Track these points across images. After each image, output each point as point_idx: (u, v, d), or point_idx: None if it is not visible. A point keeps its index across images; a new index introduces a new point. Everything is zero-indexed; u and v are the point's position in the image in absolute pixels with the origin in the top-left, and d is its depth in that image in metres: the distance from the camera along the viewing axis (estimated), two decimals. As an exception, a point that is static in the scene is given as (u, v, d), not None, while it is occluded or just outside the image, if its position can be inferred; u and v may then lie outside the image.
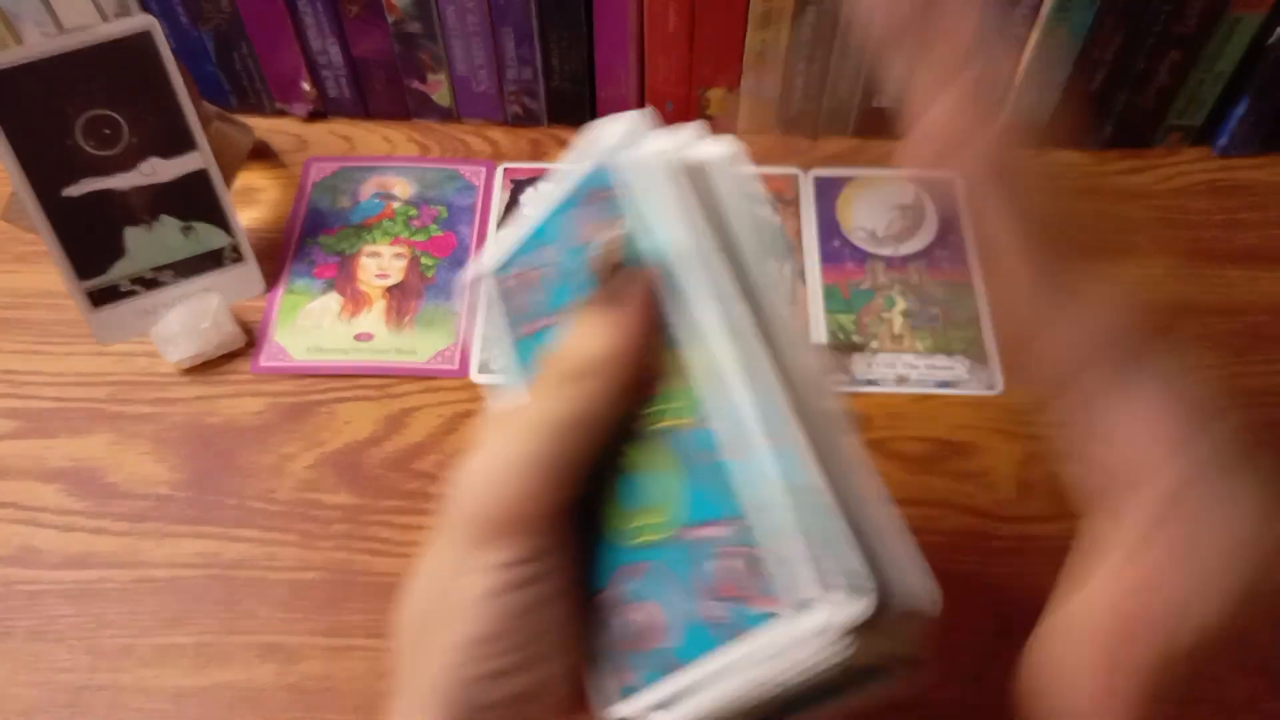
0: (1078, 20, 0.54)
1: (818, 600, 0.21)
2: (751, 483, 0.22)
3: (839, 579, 0.21)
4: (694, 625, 0.23)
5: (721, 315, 0.22)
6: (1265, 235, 0.58)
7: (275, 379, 0.52)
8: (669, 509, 0.24)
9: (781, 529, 0.21)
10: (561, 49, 0.58)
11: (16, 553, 0.47)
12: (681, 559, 0.24)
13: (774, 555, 0.21)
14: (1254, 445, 0.26)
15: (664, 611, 0.24)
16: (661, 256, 0.23)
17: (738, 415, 0.22)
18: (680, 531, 0.24)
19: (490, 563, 0.25)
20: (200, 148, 0.51)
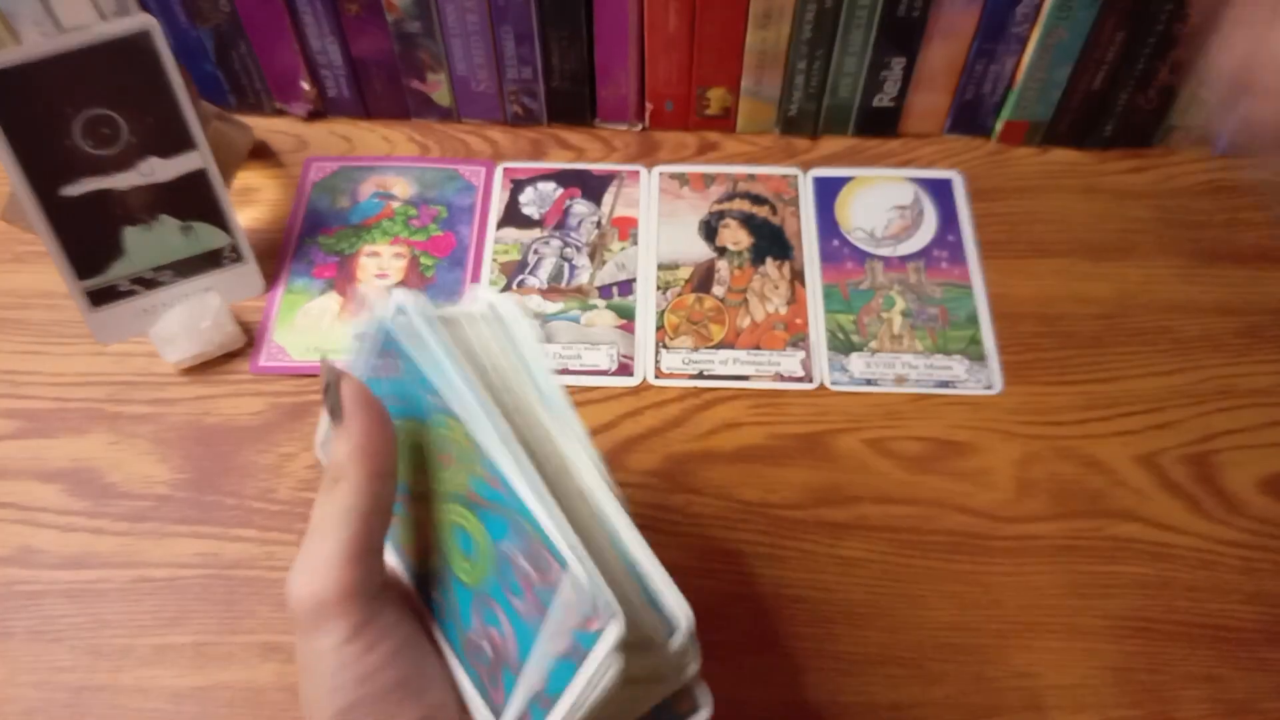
0: (1079, 19, 0.54)
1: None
2: (513, 500, 0.28)
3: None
4: (519, 627, 0.29)
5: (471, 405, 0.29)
6: (1266, 235, 0.58)
7: (275, 379, 0.52)
8: (483, 548, 0.30)
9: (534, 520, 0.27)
10: (561, 48, 0.58)
11: (16, 553, 0.47)
12: (499, 580, 0.29)
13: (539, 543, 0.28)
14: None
15: (501, 630, 0.29)
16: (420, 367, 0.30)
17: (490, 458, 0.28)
18: (495, 560, 0.29)
19: (325, 646, 0.29)
20: (199, 147, 0.51)
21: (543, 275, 0.56)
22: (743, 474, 0.49)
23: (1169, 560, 0.47)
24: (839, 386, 0.52)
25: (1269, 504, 0.48)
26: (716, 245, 0.57)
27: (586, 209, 0.59)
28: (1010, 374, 0.52)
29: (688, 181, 0.60)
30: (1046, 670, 0.44)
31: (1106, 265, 0.56)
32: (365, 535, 0.30)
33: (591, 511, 0.29)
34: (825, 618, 0.45)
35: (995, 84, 0.59)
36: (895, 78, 0.58)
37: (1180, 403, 0.51)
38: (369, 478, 0.30)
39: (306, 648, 0.29)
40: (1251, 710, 0.43)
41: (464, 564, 0.31)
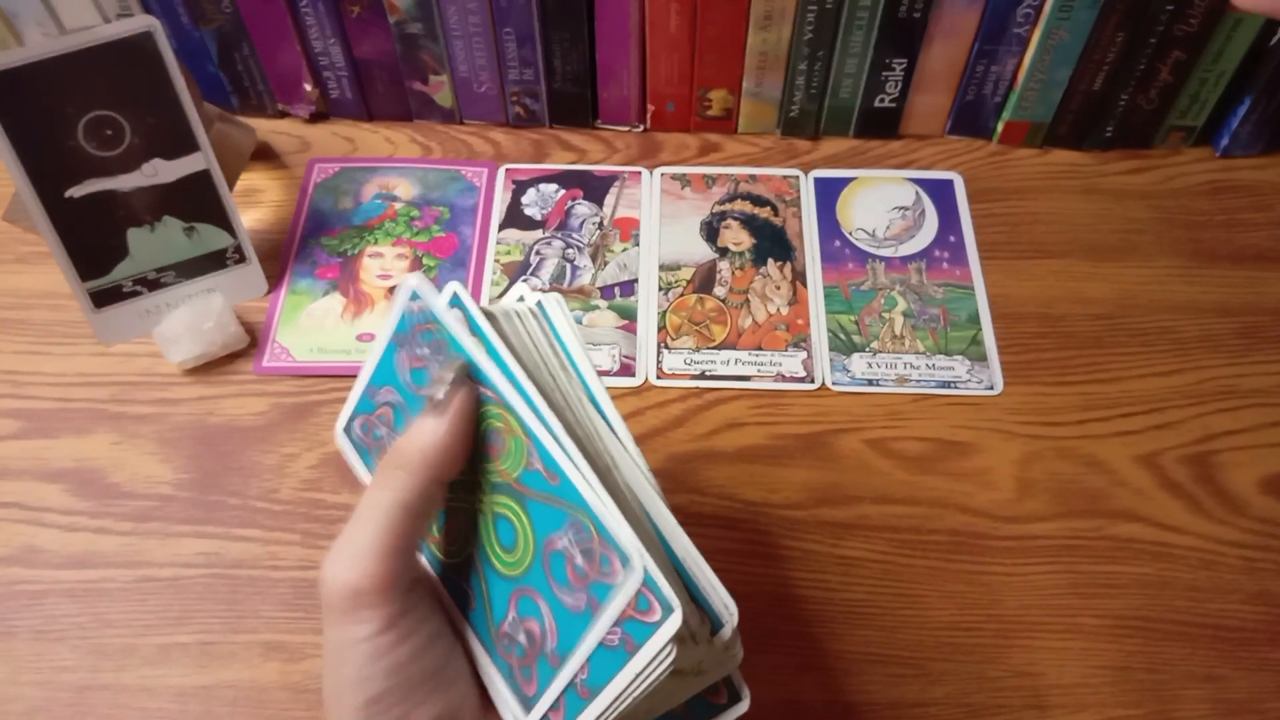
0: (1079, 20, 0.54)
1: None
2: (572, 494, 0.28)
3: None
4: (564, 620, 0.29)
5: (521, 392, 0.29)
6: (1267, 236, 0.58)
7: (278, 379, 0.52)
8: (528, 538, 0.30)
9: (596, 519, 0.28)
10: (563, 50, 0.58)
11: (19, 552, 0.47)
12: (543, 573, 0.29)
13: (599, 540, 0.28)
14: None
15: (541, 622, 0.30)
16: (474, 361, 0.31)
17: (549, 453, 0.29)
18: (540, 551, 0.29)
19: (359, 636, 0.29)
20: (202, 149, 0.51)
21: (545, 276, 0.56)
22: (744, 474, 0.49)
23: (1169, 560, 0.47)
24: (840, 387, 0.52)
25: (1269, 504, 0.48)
26: (718, 246, 0.57)
27: (588, 210, 0.59)
28: (1011, 374, 0.52)
29: (689, 182, 0.60)
30: (1047, 670, 0.44)
31: (1107, 266, 0.56)
32: (410, 531, 0.30)
33: (637, 507, 0.30)
34: (826, 617, 0.45)
35: (996, 85, 0.59)
36: (896, 79, 0.59)
37: (1180, 403, 0.51)
38: (431, 479, 0.30)
39: (337, 636, 0.29)
40: (1252, 710, 0.43)
41: (503, 555, 0.31)
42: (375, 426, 0.35)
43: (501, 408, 0.30)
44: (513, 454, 0.30)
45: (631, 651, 0.27)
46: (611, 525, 0.27)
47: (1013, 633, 0.45)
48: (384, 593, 0.29)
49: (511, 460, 0.30)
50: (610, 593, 0.27)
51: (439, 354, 0.31)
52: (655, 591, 0.26)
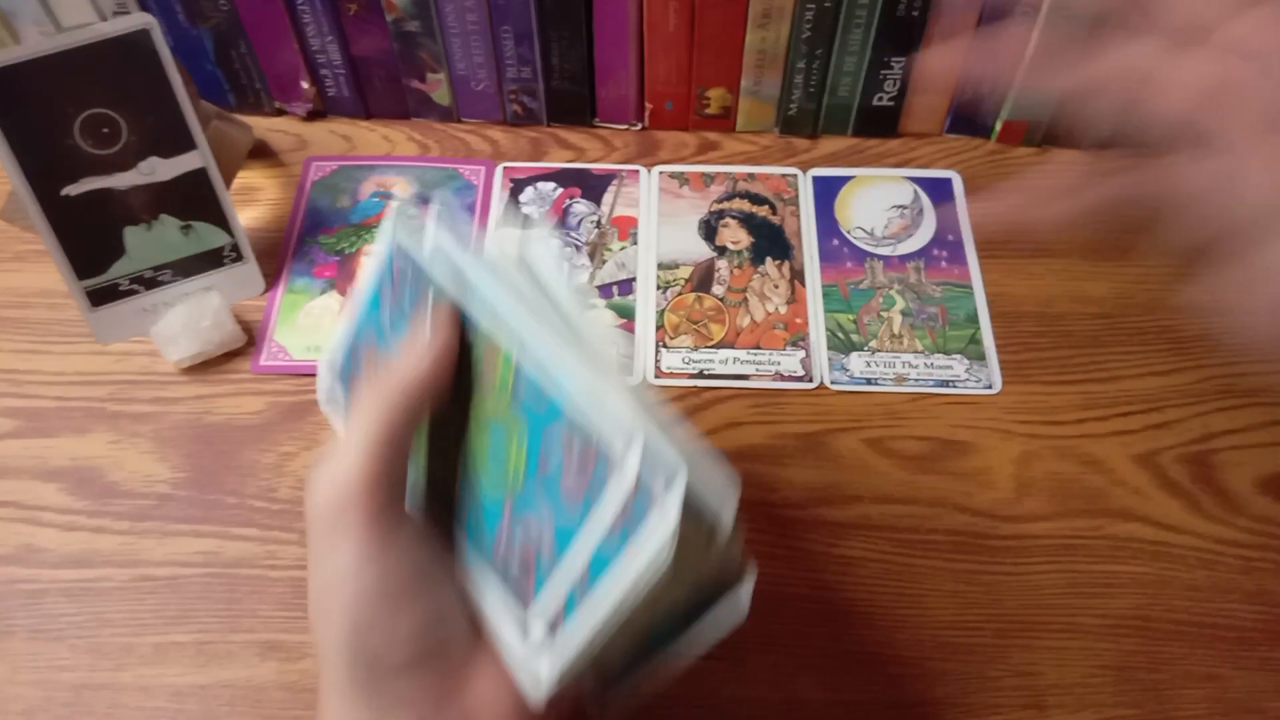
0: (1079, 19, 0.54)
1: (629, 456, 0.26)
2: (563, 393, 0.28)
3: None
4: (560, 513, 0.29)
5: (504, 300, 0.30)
6: (1265, 234, 0.58)
7: (275, 378, 0.52)
8: (519, 453, 0.30)
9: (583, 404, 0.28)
10: (561, 48, 0.58)
11: (17, 551, 0.47)
12: (539, 489, 0.29)
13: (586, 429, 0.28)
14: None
15: (542, 535, 0.29)
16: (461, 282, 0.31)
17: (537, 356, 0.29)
18: (533, 471, 0.29)
19: (343, 553, 0.29)
20: (199, 147, 0.51)
21: (543, 275, 0.56)
22: (743, 473, 0.49)
23: (1168, 559, 0.47)
24: (839, 386, 0.52)
25: (1268, 503, 0.48)
26: (716, 245, 0.57)
27: (586, 208, 0.59)
28: (1009, 373, 0.52)
29: (687, 181, 0.60)
30: (1046, 669, 0.44)
31: (1105, 265, 0.56)
32: (393, 455, 0.30)
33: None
34: (825, 617, 0.45)
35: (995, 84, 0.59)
36: (895, 77, 0.59)
37: (1179, 402, 0.51)
38: (413, 406, 0.30)
39: (326, 559, 0.29)
40: (1252, 710, 0.43)
41: (494, 474, 0.31)
42: (358, 373, 0.36)
43: (487, 340, 0.30)
44: (501, 378, 0.30)
45: (593, 497, 0.27)
46: (598, 423, 0.27)
47: (1012, 632, 0.45)
48: (367, 510, 0.29)
49: (500, 384, 0.30)
50: (606, 483, 0.27)
51: (419, 298, 0.32)
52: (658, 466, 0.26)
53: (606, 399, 0.27)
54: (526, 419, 0.29)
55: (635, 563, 0.26)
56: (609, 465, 0.27)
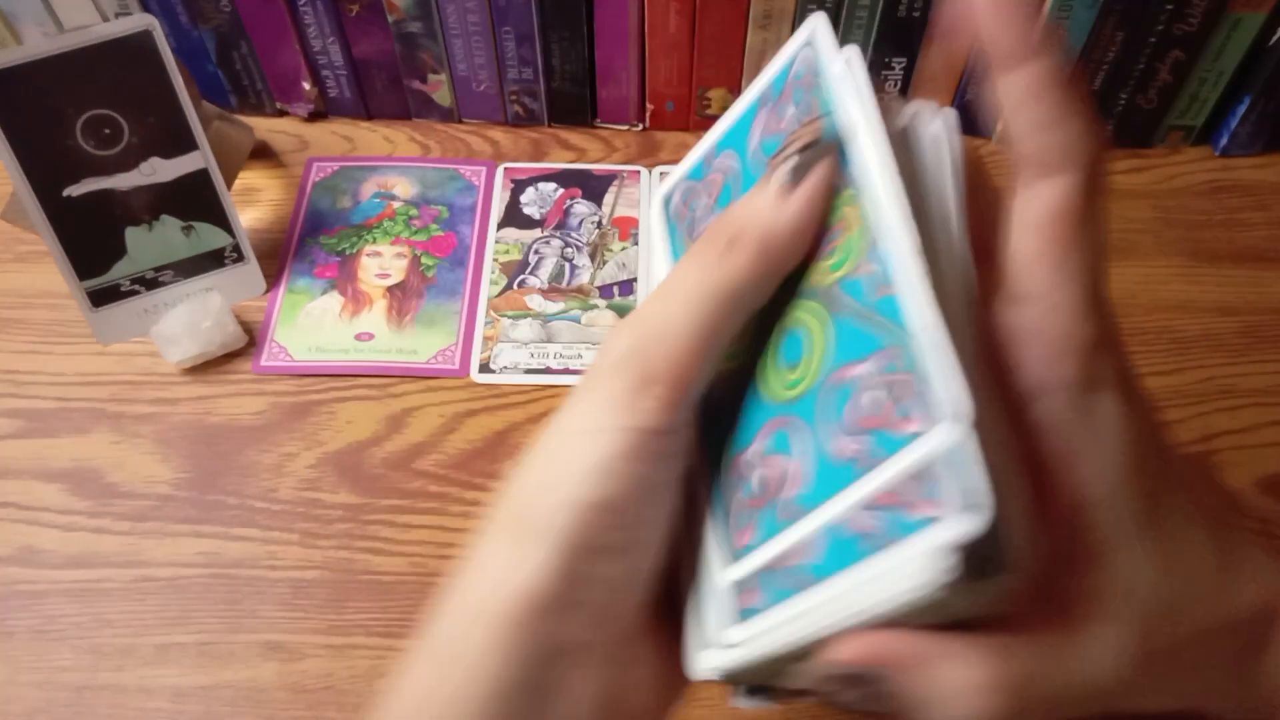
0: (1079, 20, 0.54)
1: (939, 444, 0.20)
2: (896, 315, 0.22)
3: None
4: (822, 467, 0.23)
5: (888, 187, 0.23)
6: (1266, 235, 0.58)
7: (276, 379, 0.52)
8: (815, 358, 0.24)
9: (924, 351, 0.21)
10: (562, 49, 0.58)
11: (18, 552, 0.47)
12: (815, 403, 0.23)
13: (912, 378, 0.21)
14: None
15: (789, 460, 0.24)
16: (843, 127, 0.24)
17: (893, 256, 0.22)
18: (826, 378, 0.23)
19: (630, 423, 0.24)
20: (201, 147, 0.51)
21: (543, 275, 0.56)
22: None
23: (1169, 560, 0.47)
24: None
25: (1269, 504, 0.48)
26: (717, 245, 0.57)
27: (587, 209, 0.59)
28: (1010, 374, 0.52)
29: (688, 182, 0.60)
30: (1047, 669, 0.44)
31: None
32: (728, 326, 0.25)
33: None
34: (826, 617, 0.45)
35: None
36: (895, 78, 0.59)
37: (1180, 402, 0.51)
38: (768, 269, 0.25)
39: (591, 410, 0.24)
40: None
41: (780, 371, 0.25)
42: (697, 196, 0.29)
43: (854, 198, 0.24)
44: (844, 254, 0.24)
45: (864, 468, 0.21)
46: (939, 370, 0.20)
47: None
48: (676, 389, 0.24)
49: (838, 261, 0.24)
50: (900, 448, 0.20)
51: (806, 116, 0.25)
52: (966, 481, 0.19)
53: (947, 355, 0.21)
54: (845, 316, 0.23)
55: (877, 589, 0.21)
56: (910, 424, 0.20)
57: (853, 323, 0.23)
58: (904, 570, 0.20)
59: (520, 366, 0.53)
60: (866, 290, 0.23)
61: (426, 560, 0.46)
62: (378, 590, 0.46)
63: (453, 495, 0.48)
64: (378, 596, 0.46)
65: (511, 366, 0.52)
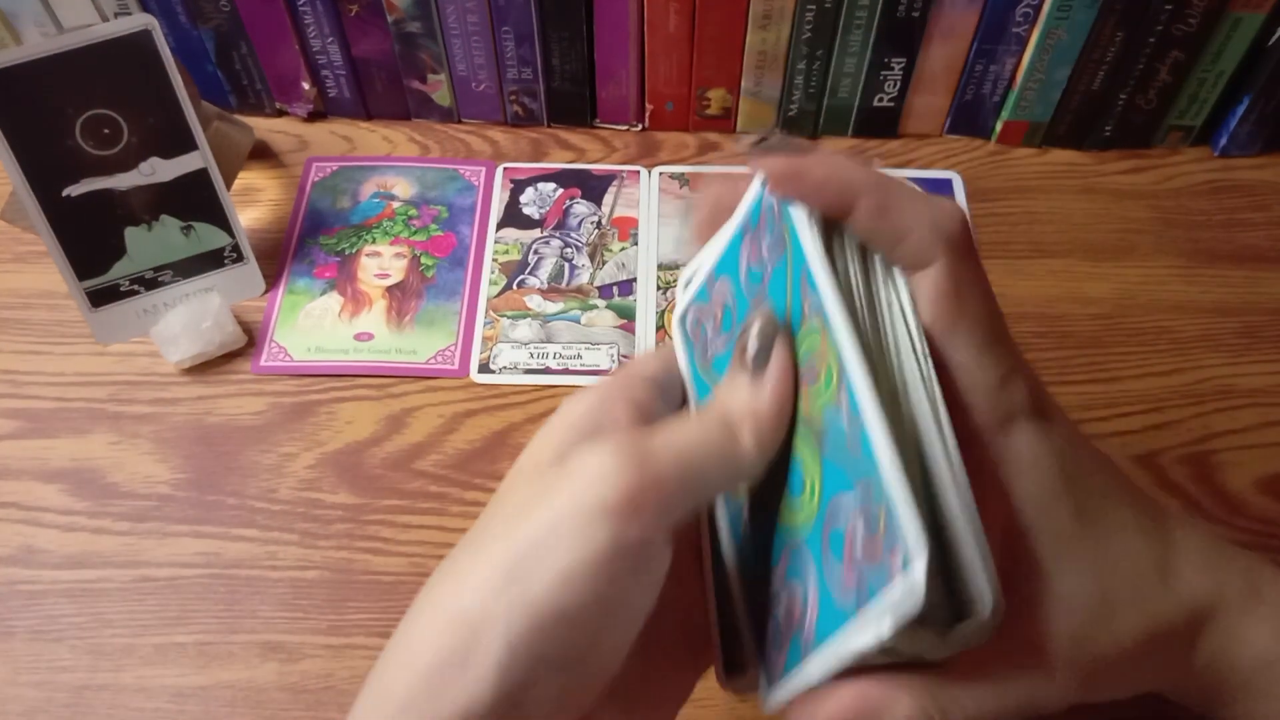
0: (1078, 20, 0.54)
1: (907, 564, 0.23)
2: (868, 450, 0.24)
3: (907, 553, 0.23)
4: (826, 600, 0.25)
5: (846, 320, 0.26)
6: (1266, 235, 0.58)
7: (276, 379, 0.52)
8: (815, 487, 0.26)
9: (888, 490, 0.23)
10: (562, 49, 0.58)
11: (17, 552, 0.47)
12: (821, 534, 0.25)
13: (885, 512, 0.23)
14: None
15: (805, 592, 0.26)
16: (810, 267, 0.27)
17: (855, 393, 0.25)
18: (824, 507, 0.25)
19: (615, 534, 0.24)
20: (200, 147, 0.51)
21: (543, 275, 0.56)
22: (743, 474, 0.49)
23: (1168, 560, 0.47)
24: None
25: (1268, 504, 0.48)
26: (717, 245, 0.57)
27: (587, 209, 0.59)
28: (1010, 374, 0.52)
29: (688, 182, 0.60)
30: (1046, 669, 0.44)
31: (1106, 265, 0.56)
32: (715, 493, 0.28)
33: (914, 445, 0.25)
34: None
35: (995, 84, 0.59)
36: (895, 78, 0.59)
37: (1179, 403, 0.51)
38: (766, 451, 0.26)
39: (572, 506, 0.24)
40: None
41: (790, 498, 0.27)
42: (706, 318, 0.32)
43: (823, 327, 0.26)
44: (825, 381, 0.26)
45: (860, 603, 0.23)
46: (900, 505, 0.23)
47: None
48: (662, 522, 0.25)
49: (822, 386, 0.26)
50: (883, 584, 0.23)
51: (776, 250, 0.28)
52: (901, 536, 0.22)
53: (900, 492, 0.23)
54: (830, 445, 0.26)
55: (845, 637, 0.24)
56: (891, 564, 0.23)
57: (837, 453, 0.25)
58: (860, 632, 0.23)
59: (520, 366, 0.53)
60: (843, 422, 0.25)
61: (426, 560, 0.46)
62: (377, 590, 0.46)
63: (452, 495, 0.48)
64: (377, 597, 0.46)
65: (511, 366, 0.53)
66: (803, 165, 0.27)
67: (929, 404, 0.25)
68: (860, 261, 0.27)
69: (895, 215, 0.27)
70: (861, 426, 0.24)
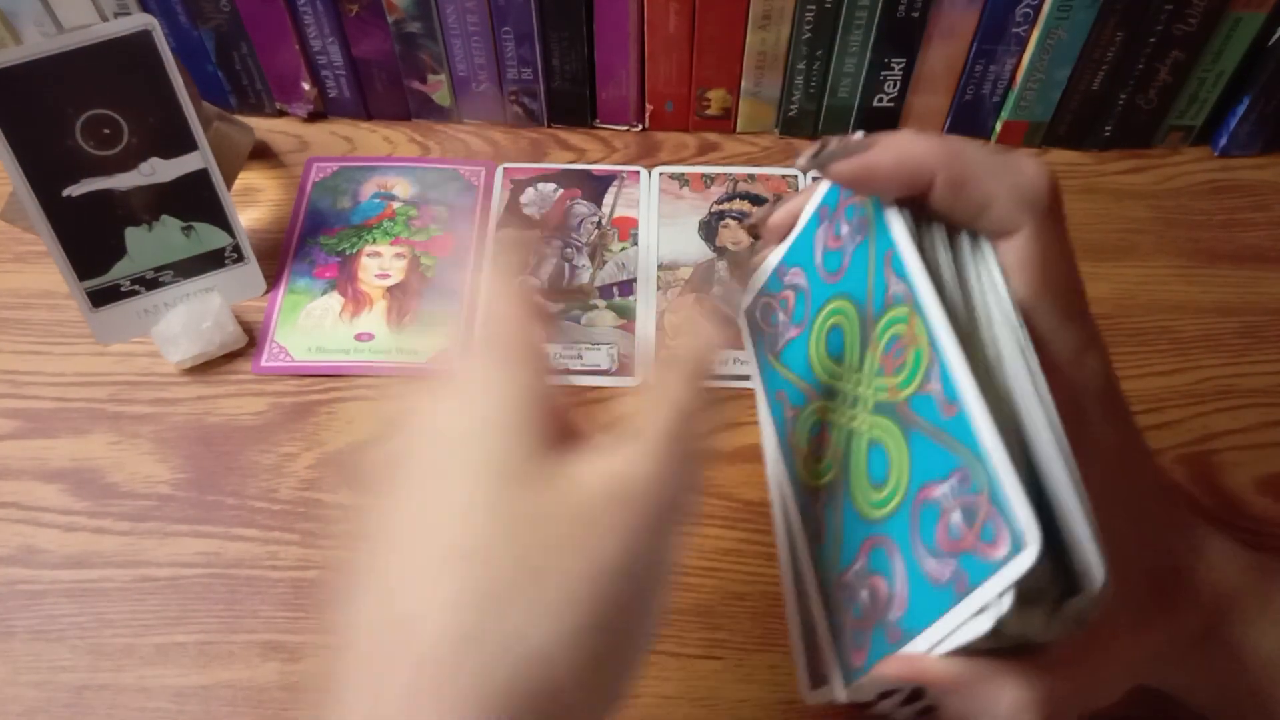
0: (1079, 20, 0.54)
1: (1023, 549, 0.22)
2: (966, 435, 0.24)
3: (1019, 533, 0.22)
4: (920, 590, 0.25)
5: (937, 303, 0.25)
6: (1266, 235, 0.58)
7: (276, 379, 0.52)
8: (900, 478, 0.25)
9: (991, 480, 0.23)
10: (561, 49, 0.58)
11: (18, 552, 0.47)
12: (908, 525, 0.25)
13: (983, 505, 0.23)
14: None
15: (891, 583, 0.25)
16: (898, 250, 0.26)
17: (953, 376, 0.24)
18: (911, 498, 0.25)
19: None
20: (200, 148, 0.51)
21: (543, 275, 0.56)
22: (743, 473, 0.49)
23: (1168, 560, 0.47)
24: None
25: (1269, 504, 0.48)
26: (716, 245, 0.57)
27: (587, 209, 0.59)
28: (1010, 374, 0.52)
29: (688, 182, 0.60)
30: (1046, 669, 0.44)
31: (1106, 265, 0.56)
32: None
33: (1014, 423, 0.25)
34: (826, 617, 0.45)
35: (995, 85, 0.59)
36: (895, 78, 0.59)
37: (1180, 403, 0.51)
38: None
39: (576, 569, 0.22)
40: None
41: (869, 490, 0.26)
42: (775, 310, 0.31)
43: (912, 311, 0.25)
44: (911, 370, 0.25)
45: (961, 593, 0.23)
46: (1008, 489, 0.22)
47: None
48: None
49: (906, 378, 0.25)
50: (987, 574, 0.22)
51: (858, 235, 0.27)
52: (1009, 521, 0.22)
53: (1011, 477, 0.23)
54: (919, 434, 0.25)
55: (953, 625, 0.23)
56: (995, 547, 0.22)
57: (927, 441, 0.24)
58: (967, 617, 0.23)
59: (520, 367, 0.53)
60: (935, 408, 0.24)
61: (426, 560, 0.46)
62: (377, 590, 0.46)
63: (452, 495, 0.48)
64: (377, 596, 0.46)
65: (511, 367, 0.52)
66: (869, 163, 0.26)
67: (1028, 375, 0.25)
68: (948, 236, 0.27)
69: (973, 187, 0.26)
70: (961, 412, 0.23)
